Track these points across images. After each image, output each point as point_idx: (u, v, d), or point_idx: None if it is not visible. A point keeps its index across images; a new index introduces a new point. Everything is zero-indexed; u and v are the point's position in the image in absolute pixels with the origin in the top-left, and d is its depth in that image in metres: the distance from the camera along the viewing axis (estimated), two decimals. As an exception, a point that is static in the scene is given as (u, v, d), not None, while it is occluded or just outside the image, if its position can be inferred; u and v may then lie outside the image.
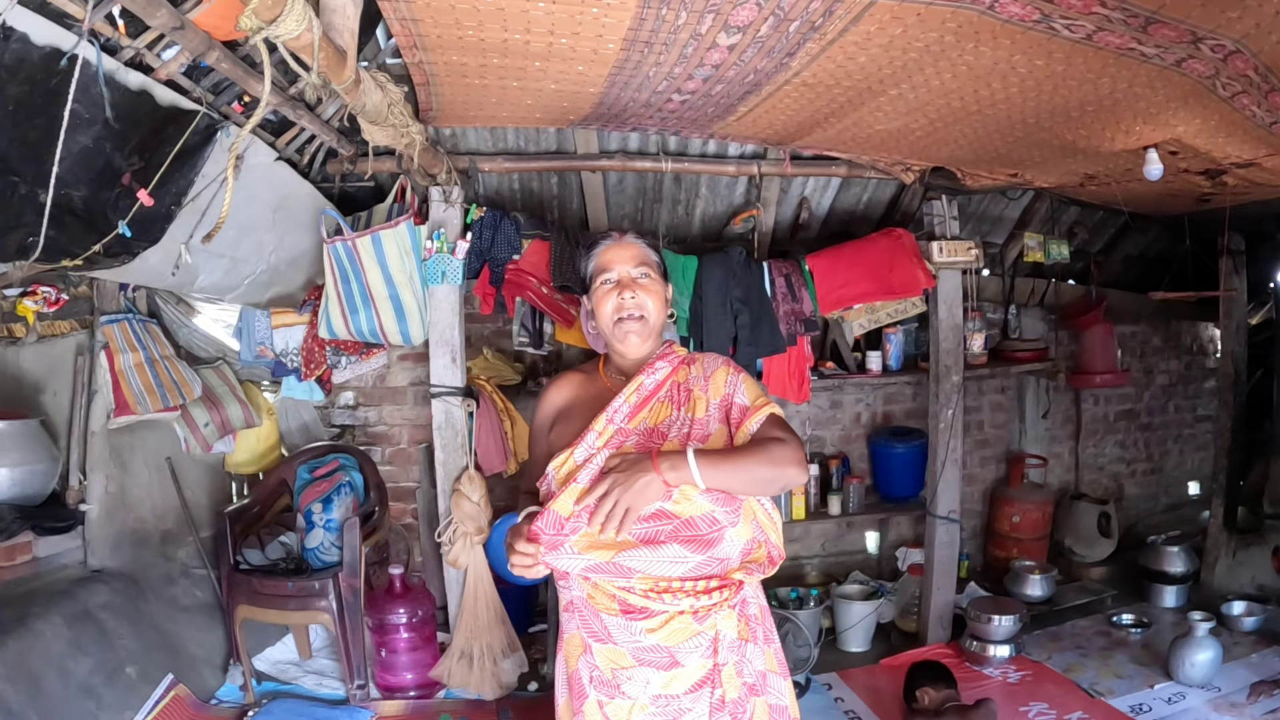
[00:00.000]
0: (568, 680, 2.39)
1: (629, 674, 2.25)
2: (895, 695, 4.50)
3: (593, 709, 2.29)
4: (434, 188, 4.65)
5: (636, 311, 2.47)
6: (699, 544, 2.20)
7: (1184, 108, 3.42)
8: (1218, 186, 4.61)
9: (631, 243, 2.57)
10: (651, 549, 2.18)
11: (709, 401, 2.41)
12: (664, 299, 2.55)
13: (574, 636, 2.36)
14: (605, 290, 2.51)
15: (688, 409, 2.40)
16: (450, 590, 4.82)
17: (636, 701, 2.25)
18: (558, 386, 2.64)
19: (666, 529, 2.19)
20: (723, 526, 2.22)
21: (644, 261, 2.53)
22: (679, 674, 2.24)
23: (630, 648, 2.25)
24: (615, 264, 2.52)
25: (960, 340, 5.30)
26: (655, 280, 2.53)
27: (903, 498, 6.07)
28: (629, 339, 2.48)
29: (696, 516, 2.20)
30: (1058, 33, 2.78)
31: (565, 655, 2.41)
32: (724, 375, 2.46)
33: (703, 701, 2.25)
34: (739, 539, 2.25)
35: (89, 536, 4.48)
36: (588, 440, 2.33)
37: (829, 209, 5.76)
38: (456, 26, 2.99)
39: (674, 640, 2.23)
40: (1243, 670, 4.77)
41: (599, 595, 2.27)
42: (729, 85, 3.59)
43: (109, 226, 3.01)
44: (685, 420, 2.38)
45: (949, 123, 3.92)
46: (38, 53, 2.34)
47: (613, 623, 2.26)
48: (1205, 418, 7.78)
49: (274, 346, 5.15)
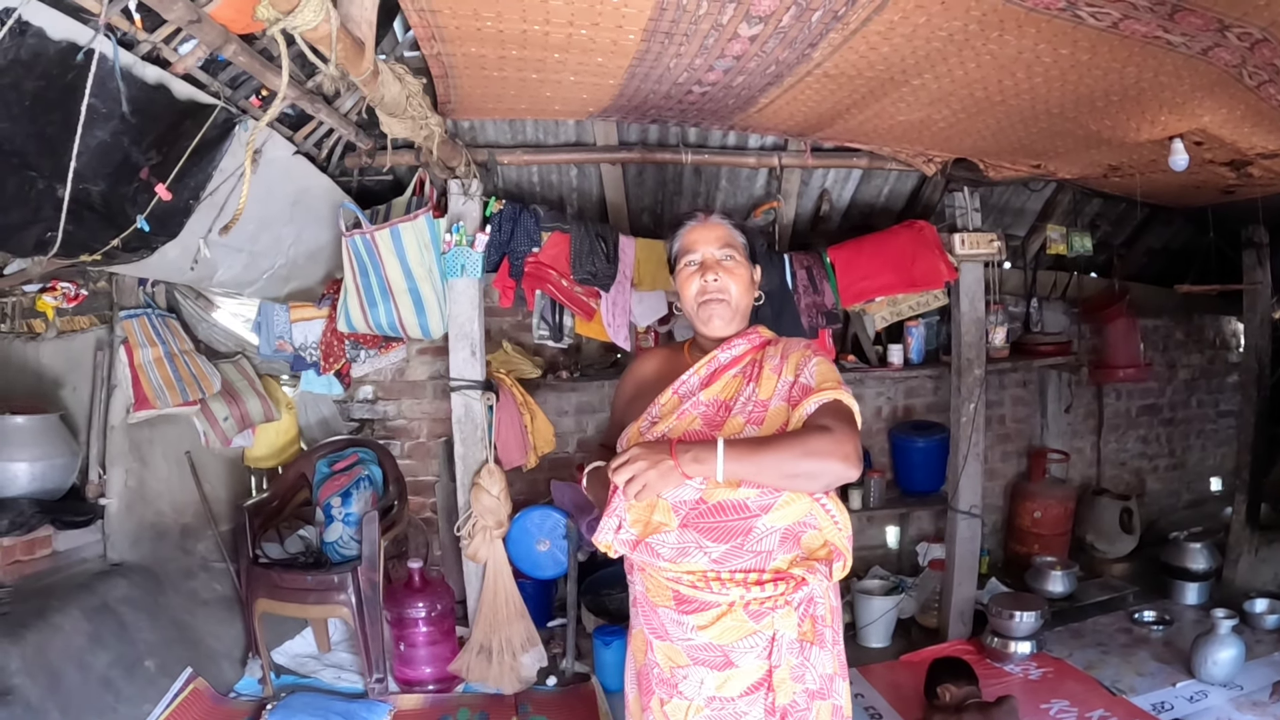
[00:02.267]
0: (636, 676, 2.41)
1: (685, 673, 2.25)
2: (916, 691, 4.47)
3: (655, 706, 2.30)
4: (453, 180, 4.64)
5: (719, 294, 2.44)
6: (722, 532, 2.16)
7: (1210, 97, 3.39)
8: (1243, 178, 4.57)
9: (717, 223, 2.53)
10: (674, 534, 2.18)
11: (780, 381, 2.33)
12: (749, 281, 2.51)
13: (639, 633, 2.38)
14: (689, 272, 2.49)
15: (756, 386, 2.34)
16: (469, 584, 4.81)
17: (693, 702, 2.24)
18: (643, 359, 2.68)
19: (693, 514, 2.18)
20: (752, 515, 2.16)
21: (729, 243, 2.49)
22: (733, 675, 2.22)
23: (684, 646, 2.24)
24: (699, 245, 2.49)
25: (982, 333, 5.25)
26: (740, 262, 2.49)
27: (924, 492, 6.05)
28: (713, 321, 2.45)
29: (725, 503, 2.17)
30: (1083, 21, 2.75)
31: (633, 651, 2.43)
32: (799, 356, 2.37)
33: (758, 706, 2.21)
34: (775, 530, 2.18)
35: (108, 530, 4.50)
36: (650, 411, 2.36)
37: (850, 201, 5.73)
38: (475, 18, 2.97)
39: (727, 639, 2.20)
40: (1265, 668, 4.72)
41: (654, 587, 2.28)
42: (750, 76, 3.57)
43: (127, 221, 3.01)
44: (751, 398, 2.32)
45: (972, 113, 3.88)
46: (54, 47, 2.34)
47: (667, 617, 2.26)
48: (1228, 413, 7.71)
49: (293, 340, 5.16)
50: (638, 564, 2.31)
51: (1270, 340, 5.96)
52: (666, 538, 2.19)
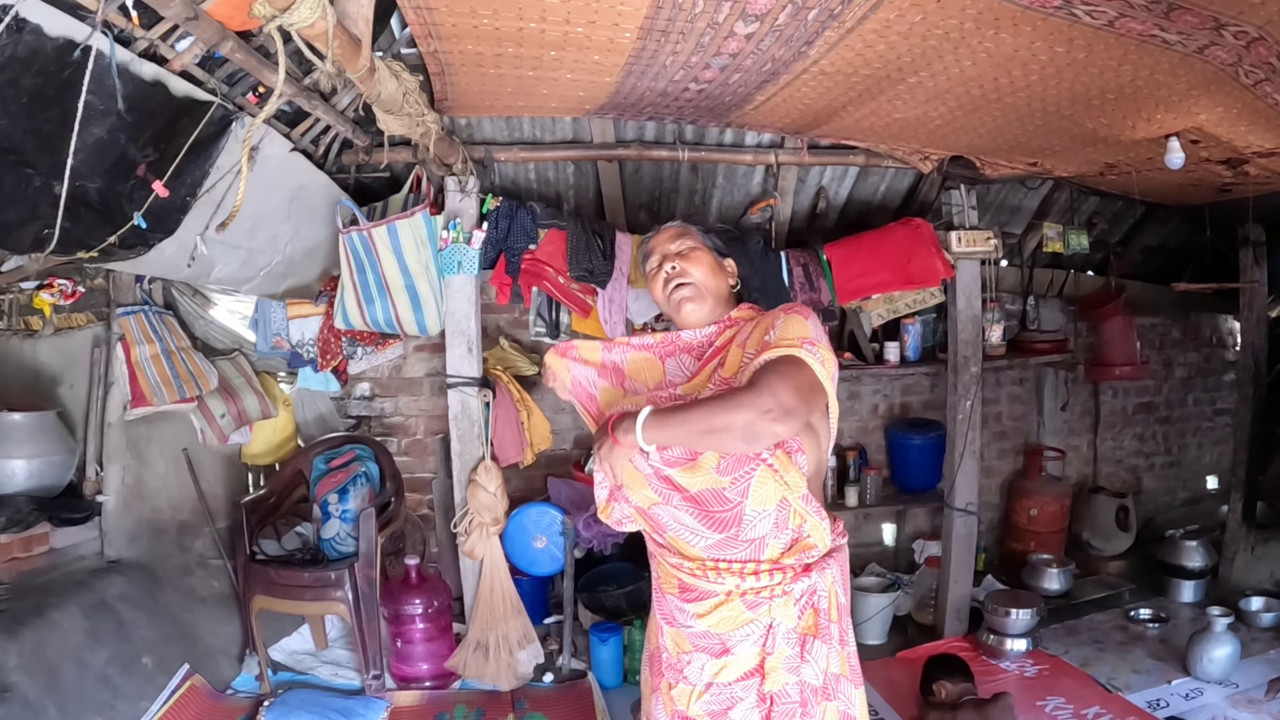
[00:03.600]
0: (649, 657, 2.51)
1: (689, 658, 2.31)
2: (912, 688, 4.48)
3: (664, 689, 2.38)
4: (449, 177, 4.64)
5: (681, 278, 2.47)
6: (712, 520, 2.21)
7: (1206, 95, 3.39)
8: (1239, 176, 4.57)
9: (669, 226, 2.64)
10: (669, 509, 2.26)
11: (745, 353, 2.25)
12: (711, 264, 2.51)
13: (654, 617, 2.46)
14: (654, 272, 2.55)
15: (721, 366, 2.32)
16: (466, 581, 4.82)
17: (695, 687, 2.29)
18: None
19: (676, 498, 2.23)
20: (736, 504, 2.16)
21: (683, 235, 2.58)
22: (730, 662, 2.25)
23: (687, 633, 2.31)
24: (658, 247, 2.57)
25: (979, 331, 5.26)
26: (698, 248, 2.53)
27: (920, 490, 6.05)
28: (684, 306, 2.47)
29: (705, 491, 2.19)
30: (1079, 19, 2.75)
31: (649, 634, 2.53)
32: (771, 318, 2.26)
33: (752, 691, 2.24)
34: (766, 513, 2.16)
35: (106, 527, 4.50)
36: None
37: (846, 198, 5.72)
38: (471, 15, 2.98)
39: (724, 628, 2.24)
40: (1261, 666, 4.74)
41: (664, 574, 2.37)
42: (746, 74, 3.57)
43: (124, 218, 3.00)
44: (714, 377, 2.32)
45: (968, 111, 3.88)
46: (51, 44, 2.33)
47: (673, 604, 2.34)
48: (1224, 411, 7.74)
49: (290, 337, 5.17)
50: (651, 550, 2.41)
51: (1266, 339, 5.97)
52: (658, 511, 2.29)
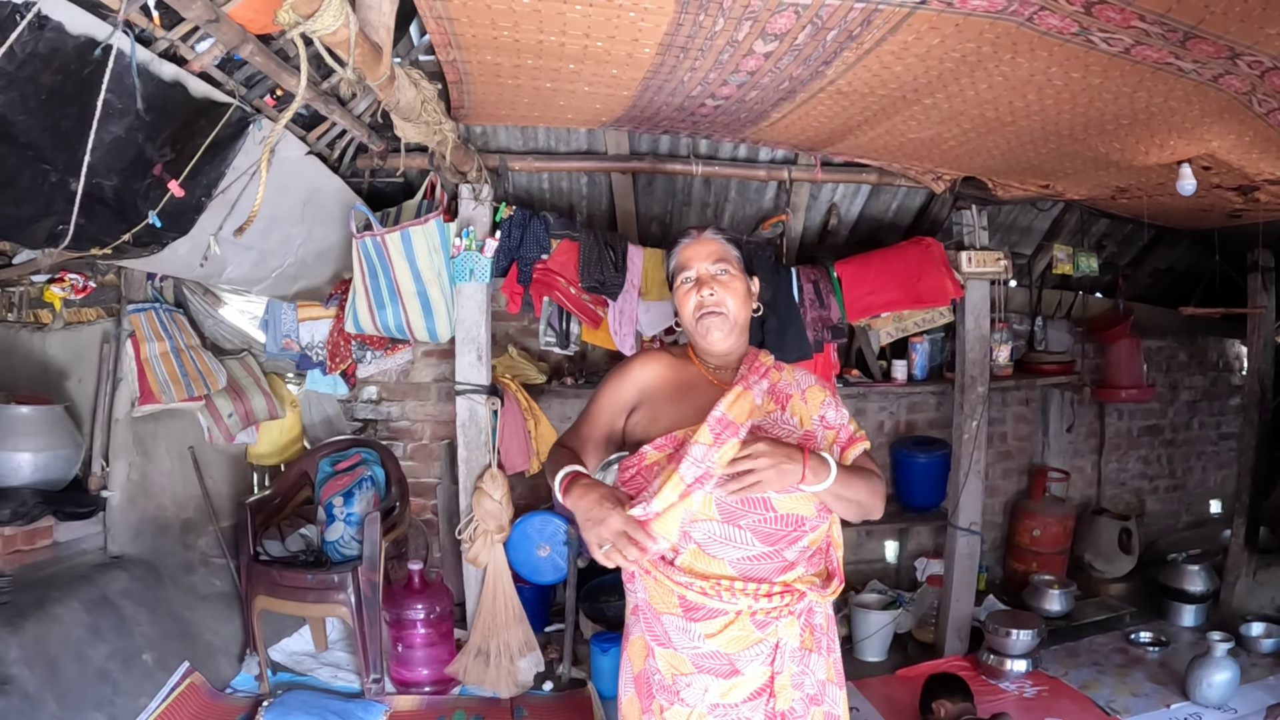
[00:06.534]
0: (634, 679, 2.40)
1: (688, 680, 2.26)
2: (911, 706, 4.48)
3: (657, 710, 2.32)
4: (464, 185, 4.65)
5: (716, 308, 2.44)
6: (766, 534, 2.24)
7: (1219, 123, 3.39)
8: (1250, 203, 4.57)
9: (710, 239, 2.54)
10: (713, 524, 2.23)
11: (810, 415, 2.47)
12: (745, 293, 2.51)
13: (637, 640, 2.39)
14: (686, 289, 2.50)
15: (790, 414, 2.45)
16: (469, 587, 4.82)
17: (695, 709, 2.26)
18: (645, 363, 2.57)
19: (751, 517, 2.23)
20: (804, 533, 2.28)
21: (722, 257, 2.50)
22: (738, 682, 2.25)
23: (690, 654, 2.26)
24: (694, 261, 2.50)
25: (987, 351, 5.26)
26: (735, 275, 2.50)
27: (924, 508, 6.04)
28: (711, 335, 2.45)
29: (790, 514, 2.26)
30: (1095, 46, 2.76)
31: (629, 656, 2.43)
32: (820, 394, 2.54)
33: (760, 711, 2.25)
34: (809, 546, 2.30)
35: (110, 523, 4.51)
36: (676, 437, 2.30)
37: (858, 216, 5.73)
38: (492, 27, 2.99)
39: (734, 648, 2.23)
40: (1260, 692, 4.73)
41: (660, 593, 2.29)
42: (763, 92, 3.58)
43: (139, 216, 3.02)
44: (784, 421, 2.41)
45: (982, 133, 3.89)
46: (72, 42, 2.34)
47: (672, 624, 2.27)
48: (1229, 435, 7.72)
49: (300, 339, 5.18)
50: (645, 569, 2.28)
51: (1273, 364, 5.97)
52: (710, 527, 2.23)
